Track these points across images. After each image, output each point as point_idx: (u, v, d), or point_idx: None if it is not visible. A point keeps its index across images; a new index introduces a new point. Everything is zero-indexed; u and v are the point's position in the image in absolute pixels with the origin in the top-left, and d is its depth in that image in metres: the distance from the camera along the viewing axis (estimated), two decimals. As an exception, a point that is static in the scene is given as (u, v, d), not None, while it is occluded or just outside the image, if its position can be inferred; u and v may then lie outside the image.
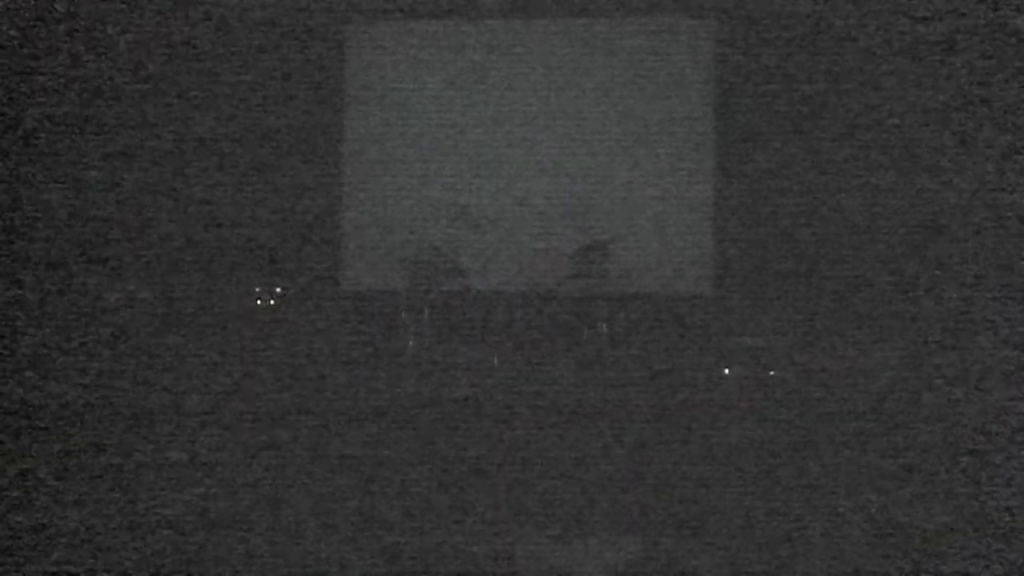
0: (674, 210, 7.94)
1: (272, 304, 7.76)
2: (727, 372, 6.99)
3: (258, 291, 7.78)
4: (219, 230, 7.89)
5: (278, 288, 7.81)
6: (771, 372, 6.94)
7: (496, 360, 7.30)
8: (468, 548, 4.76)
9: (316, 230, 8.06)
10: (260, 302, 7.75)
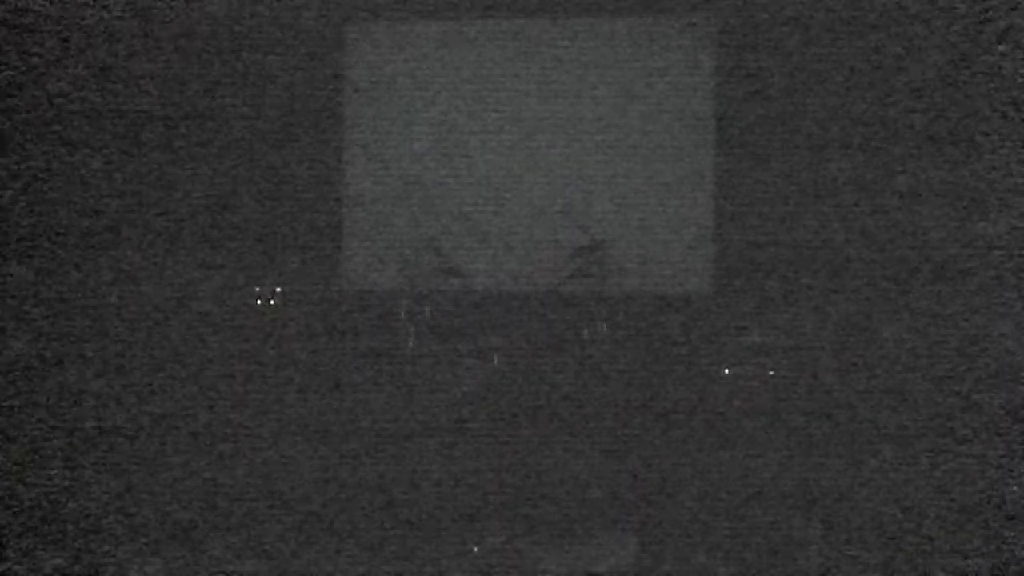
0: (674, 210, 7.93)
1: (272, 304, 7.76)
2: (727, 372, 6.99)
3: (258, 291, 7.78)
4: (219, 230, 7.89)
5: (278, 288, 7.81)
6: (771, 372, 6.94)
7: (496, 360, 7.30)
8: (468, 548, 4.76)
9: (316, 230, 8.06)
10: (260, 302, 7.75)
